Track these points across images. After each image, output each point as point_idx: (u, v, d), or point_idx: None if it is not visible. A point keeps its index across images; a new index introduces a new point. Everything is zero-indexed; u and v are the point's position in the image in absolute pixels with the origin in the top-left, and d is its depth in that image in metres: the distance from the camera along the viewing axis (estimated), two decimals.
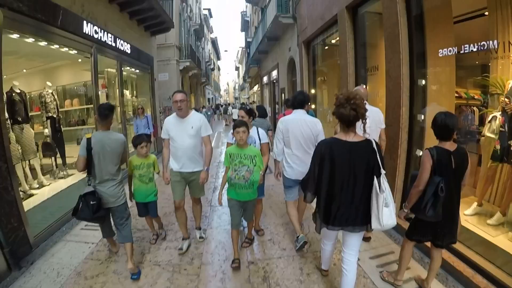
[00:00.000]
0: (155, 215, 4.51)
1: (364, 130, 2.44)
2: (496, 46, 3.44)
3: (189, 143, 3.99)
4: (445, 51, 3.89)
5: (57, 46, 5.72)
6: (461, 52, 3.64)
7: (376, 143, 2.47)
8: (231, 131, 3.76)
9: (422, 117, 4.29)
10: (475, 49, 3.55)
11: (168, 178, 4.14)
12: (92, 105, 7.43)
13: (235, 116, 20.42)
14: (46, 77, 7.56)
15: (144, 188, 4.27)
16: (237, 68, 68.48)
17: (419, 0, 4.28)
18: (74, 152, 6.07)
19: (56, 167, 7.07)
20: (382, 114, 4.19)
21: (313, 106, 9.89)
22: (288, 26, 11.90)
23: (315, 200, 2.74)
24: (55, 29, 5.26)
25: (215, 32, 57.33)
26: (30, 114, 7.16)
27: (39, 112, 6.90)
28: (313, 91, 10.21)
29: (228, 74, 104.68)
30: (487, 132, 3.96)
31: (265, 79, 20.59)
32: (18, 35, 4.61)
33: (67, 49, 6.00)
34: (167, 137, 4.10)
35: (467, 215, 4.09)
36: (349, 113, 2.35)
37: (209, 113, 22.49)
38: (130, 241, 3.70)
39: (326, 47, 9.14)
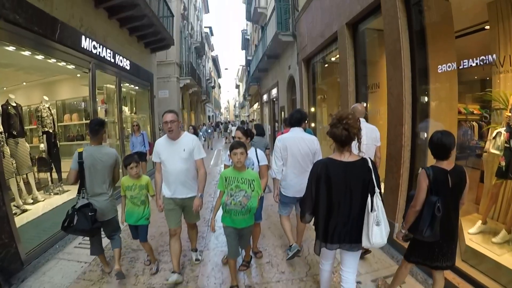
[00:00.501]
0: (144, 240, 4.16)
1: (359, 149, 2.45)
2: (500, 61, 3.35)
3: (181, 167, 3.67)
4: (446, 66, 3.82)
5: (55, 60, 5.66)
6: (465, 67, 3.57)
7: (372, 161, 2.48)
8: (228, 152, 3.50)
9: (425, 135, 4.17)
10: (478, 64, 3.49)
11: (161, 206, 3.85)
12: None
13: (234, 134, 20.38)
14: (45, 91, 7.62)
15: (136, 211, 4.02)
16: (237, 86, 69.02)
17: (420, 15, 4.24)
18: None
19: (52, 183, 6.94)
20: (378, 131, 4.22)
21: (312, 125, 9.80)
22: (288, 44, 11.94)
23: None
24: (52, 43, 5.22)
25: (216, 50, 58.15)
26: (28, 128, 7.15)
27: (36, 127, 6.82)
28: (312, 109, 10.14)
29: (229, 92, 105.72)
30: (491, 148, 3.84)
31: (265, 97, 20.60)
32: (15, 48, 4.56)
33: (64, 63, 5.94)
34: (158, 160, 3.79)
35: (472, 233, 3.93)
36: (341, 133, 2.38)
37: (209, 130, 22.36)
38: (118, 247, 3.96)
39: (326, 65, 9.12)
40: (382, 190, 4.83)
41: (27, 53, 4.92)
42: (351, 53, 6.25)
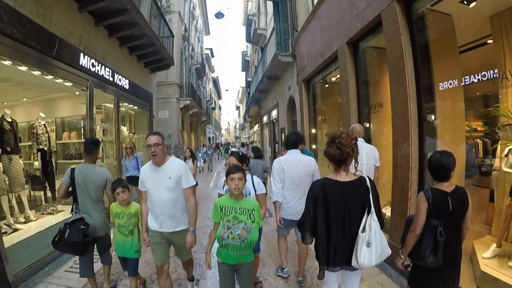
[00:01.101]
0: (132, 274, 3.71)
1: (355, 169, 2.43)
2: (507, 75, 3.24)
3: (167, 197, 3.25)
4: (452, 82, 3.72)
5: (52, 77, 5.58)
6: (472, 82, 3.46)
7: (371, 180, 2.45)
8: (223, 178, 3.20)
9: None
10: (481, 79, 3.36)
11: (146, 240, 3.44)
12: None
13: (228, 161, 20.19)
14: (45, 108, 7.59)
15: (123, 241, 3.64)
16: (237, 108, 69.32)
17: (423, 30, 4.17)
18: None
19: (45, 202, 6.76)
20: (377, 151, 4.27)
21: (313, 146, 9.64)
22: (288, 64, 11.96)
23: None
24: (50, 59, 5.17)
25: (216, 72, 58.67)
26: (26, 144, 7.06)
27: (31, 144, 6.70)
28: (313, 130, 10.01)
29: (229, 114, 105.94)
30: (504, 167, 3.66)
31: (265, 118, 20.59)
32: (11, 62, 4.49)
33: (62, 80, 5.86)
34: (144, 189, 3.40)
35: (486, 258, 3.69)
36: (334, 152, 2.37)
37: (209, 152, 22.13)
38: (109, 265, 3.94)
39: (327, 85, 9.05)
40: (389, 214, 4.70)
41: (24, 68, 4.84)
42: (352, 72, 6.16)
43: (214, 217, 2.94)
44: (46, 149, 6.71)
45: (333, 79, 8.18)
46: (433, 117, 4.04)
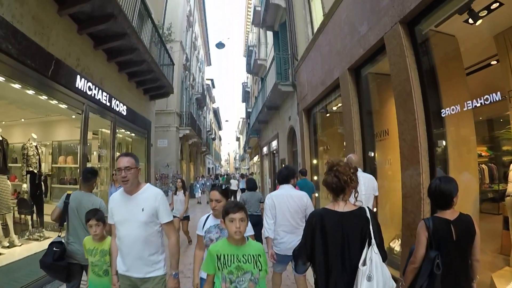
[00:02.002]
0: None
1: (355, 198, 2.33)
2: None
3: (138, 234, 2.61)
4: (459, 106, 3.51)
5: (46, 97, 5.45)
6: (475, 106, 3.28)
7: (371, 210, 2.31)
8: (205, 217, 2.84)
9: None
10: (487, 102, 3.22)
11: (116, 285, 2.79)
12: (88, 164, 7.12)
13: (233, 187, 19.87)
14: (42, 130, 7.62)
15: (97, 283, 3.14)
16: (238, 139, 69.48)
17: (429, 53, 4.04)
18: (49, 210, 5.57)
19: (32, 227, 6.42)
20: (375, 181, 4.23)
21: (315, 178, 9.37)
22: (288, 94, 11.91)
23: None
24: (45, 79, 5.07)
25: (217, 102, 59.35)
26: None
27: (21, 165, 6.52)
28: (314, 161, 9.74)
29: (229, 144, 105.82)
30: None
31: (265, 149, 20.43)
32: (4, 79, 4.38)
33: (56, 102, 5.72)
34: (113, 222, 2.78)
35: None
36: (331, 180, 2.27)
37: (208, 183, 21.64)
38: None
39: (328, 114, 8.88)
40: (398, 248, 4.39)
41: (17, 86, 4.73)
42: (355, 99, 6.00)
43: (208, 268, 2.36)
44: (36, 171, 6.47)
45: (334, 108, 8.04)
46: (444, 143, 3.80)
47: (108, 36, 6.71)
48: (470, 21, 3.58)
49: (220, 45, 18.62)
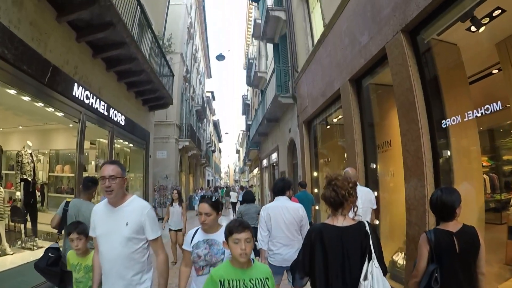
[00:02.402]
0: None
1: (355, 213, 2.29)
2: None
3: (121, 251, 2.33)
4: (463, 115, 3.43)
5: (42, 105, 5.37)
6: (476, 116, 3.20)
7: (370, 224, 2.28)
8: (193, 231, 2.59)
9: None
10: (488, 112, 3.16)
11: None
12: (84, 174, 6.97)
13: (233, 199, 19.67)
14: (40, 138, 7.64)
15: None
16: (237, 151, 69.43)
17: (431, 62, 3.97)
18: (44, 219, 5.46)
19: (25, 236, 6.28)
20: (373, 194, 4.21)
21: (315, 190, 9.22)
22: (288, 106, 11.87)
23: None
24: (41, 85, 5.01)
25: (217, 115, 59.49)
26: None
27: (15, 172, 6.47)
28: (315, 174, 9.60)
29: (229, 157, 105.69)
30: None
31: (264, 162, 20.33)
32: None
33: (53, 109, 5.65)
34: (95, 235, 2.50)
35: None
36: (330, 194, 2.24)
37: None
38: None
39: (328, 126, 8.79)
40: (401, 261, 4.24)
41: (13, 91, 4.66)
42: (356, 110, 5.91)
43: None
44: (30, 179, 6.35)
45: (335, 120, 7.97)
46: (448, 153, 3.68)
47: (107, 44, 6.68)
48: (473, 28, 3.53)
49: (220, 57, 18.71)
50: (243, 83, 33.87)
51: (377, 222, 5.39)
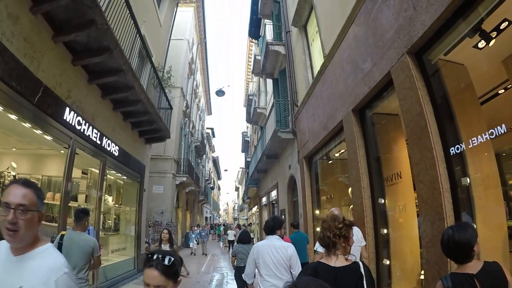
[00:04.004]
0: None
1: (348, 253, 2.34)
2: None
3: None
4: (478, 138, 3.13)
5: (30, 125, 5.11)
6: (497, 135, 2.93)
7: (365, 265, 2.31)
8: None
9: (474, 226, 3.20)
10: (492, 136, 2.99)
11: None
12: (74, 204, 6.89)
13: (230, 237, 19.00)
14: (32, 163, 7.64)
15: None
16: (237, 189, 68.63)
17: (440, 84, 3.72)
18: None
19: None
20: (360, 232, 4.27)
21: (317, 229, 8.73)
22: (288, 142, 11.62)
23: None
24: (30, 105, 4.78)
25: (216, 152, 59.32)
26: None
27: None
28: (317, 211, 9.10)
29: (228, 194, 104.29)
30: None
31: (264, 199, 19.90)
32: None
33: (41, 132, 5.39)
34: None
35: None
36: (320, 235, 2.39)
37: (203, 233, 20.53)
38: None
39: (331, 161, 8.46)
40: None
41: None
42: (361, 142, 5.60)
43: None
44: None
45: (337, 154, 7.65)
46: (468, 180, 3.31)
47: (104, 71, 6.55)
48: (480, 45, 3.34)
49: (220, 93, 18.74)
50: (243, 120, 34.01)
51: (387, 262, 4.97)
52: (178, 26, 17.51)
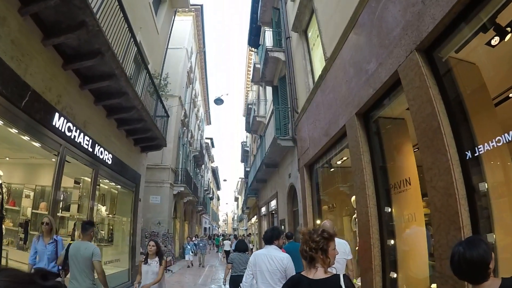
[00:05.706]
0: None
1: (329, 265, 2.32)
2: None
3: None
4: (493, 141, 2.86)
5: (16, 131, 4.87)
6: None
7: (346, 276, 2.27)
8: None
9: (493, 236, 2.90)
10: (499, 144, 2.79)
11: None
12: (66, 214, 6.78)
13: (227, 248, 18.66)
14: (26, 172, 7.55)
15: None
16: (236, 199, 68.25)
17: (452, 83, 3.46)
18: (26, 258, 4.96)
19: None
20: (348, 245, 4.40)
21: None
22: (288, 150, 11.37)
23: None
24: (16, 109, 4.57)
25: (216, 162, 58.97)
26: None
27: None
28: (318, 221, 8.77)
29: (227, 205, 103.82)
30: None
31: (263, 209, 19.59)
32: None
33: (28, 138, 5.15)
34: None
35: None
36: (300, 248, 2.38)
37: (201, 244, 20.06)
38: None
39: (332, 169, 8.13)
40: None
41: None
42: (366, 147, 5.31)
43: None
44: None
45: (339, 162, 7.36)
46: (486, 186, 3.02)
47: (96, 75, 6.31)
48: (493, 42, 3.08)
49: (218, 101, 18.56)
50: (242, 130, 33.89)
51: (394, 275, 4.66)
52: (177, 35, 17.42)
